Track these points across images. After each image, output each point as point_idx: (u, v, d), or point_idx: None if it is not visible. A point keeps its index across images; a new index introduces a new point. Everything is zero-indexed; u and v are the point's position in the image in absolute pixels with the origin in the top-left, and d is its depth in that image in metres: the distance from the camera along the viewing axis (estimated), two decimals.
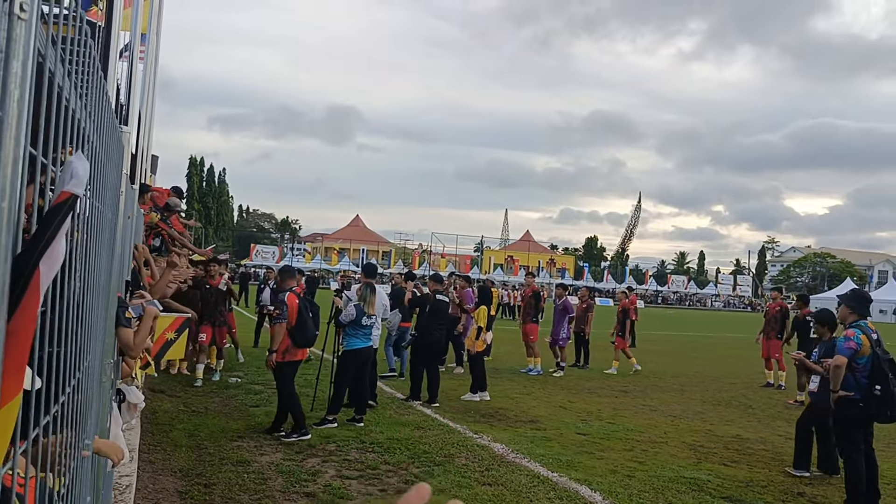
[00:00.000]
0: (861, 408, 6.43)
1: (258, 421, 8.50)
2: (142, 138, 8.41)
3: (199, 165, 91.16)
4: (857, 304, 6.85)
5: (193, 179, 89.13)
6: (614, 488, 6.78)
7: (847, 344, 6.54)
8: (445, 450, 7.88)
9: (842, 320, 7.00)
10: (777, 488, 7.17)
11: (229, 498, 5.84)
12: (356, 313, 9.01)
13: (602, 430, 9.40)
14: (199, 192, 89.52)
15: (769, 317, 15.21)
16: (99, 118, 2.27)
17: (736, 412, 11.60)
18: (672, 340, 28.26)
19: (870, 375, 6.42)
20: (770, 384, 14.91)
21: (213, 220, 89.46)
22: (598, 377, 14.95)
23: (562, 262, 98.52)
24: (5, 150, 0.85)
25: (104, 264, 2.87)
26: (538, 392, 12.23)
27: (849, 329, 6.66)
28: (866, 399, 6.39)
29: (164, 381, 10.81)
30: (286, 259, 72.21)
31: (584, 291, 18.20)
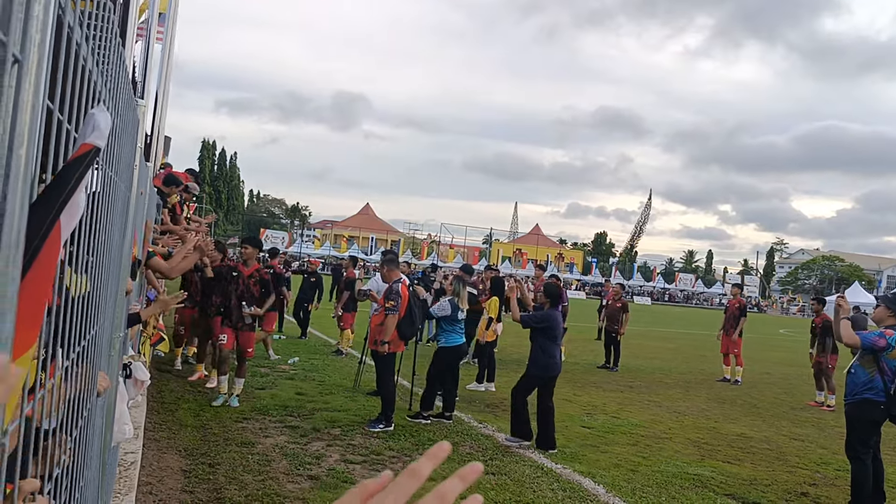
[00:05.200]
0: (882, 410, 6.33)
1: (263, 403, 8.52)
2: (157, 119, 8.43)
3: (211, 149, 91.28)
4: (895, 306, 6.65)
5: (205, 163, 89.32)
6: (617, 482, 6.76)
7: (876, 339, 6.30)
8: (450, 438, 7.87)
9: (878, 321, 6.69)
10: (781, 487, 7.14)
11: (233, 478, 5.84)
12: (451, 308, 8.93)
13: (606, 424, 9.38)
14: (211, 176, 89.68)
15: (728, 313, 15.17)
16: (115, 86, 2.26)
17: (741, 410, 11.56)
18: (679, 338, 28.19)
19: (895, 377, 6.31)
20: (727, 379, 14.92)
21: (224, 203, 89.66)
22: (603, 373, 14.92)
23: (570, 256, 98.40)
24: (24, 95, 0.83)
25: (116, 236, 2.85)
26: None
27: (888, 329, 6.44)
28: (889, 401, 6.29)
29: (171, 361, 10.83)
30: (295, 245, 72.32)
31: (618, 289, 17.04)
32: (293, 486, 5.80)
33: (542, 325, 7.96)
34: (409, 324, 8.31)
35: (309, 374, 11.05)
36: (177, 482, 5.65)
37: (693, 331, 34.02)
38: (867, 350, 6.34)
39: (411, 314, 8.30)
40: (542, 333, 7.96)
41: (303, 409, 8.56)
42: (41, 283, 0.90)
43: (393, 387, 8.24)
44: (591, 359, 16.66)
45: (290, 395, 9.23)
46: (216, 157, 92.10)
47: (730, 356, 15.06)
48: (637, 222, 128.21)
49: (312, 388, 9.95)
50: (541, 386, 7.99)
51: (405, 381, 10.23)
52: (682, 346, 24.32)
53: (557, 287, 8.44)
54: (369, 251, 73.81)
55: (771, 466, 7.99)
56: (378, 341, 8.18)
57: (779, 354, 24.01)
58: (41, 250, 0.91)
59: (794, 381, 16.12)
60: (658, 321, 41.09)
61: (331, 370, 11.58)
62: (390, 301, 8.15)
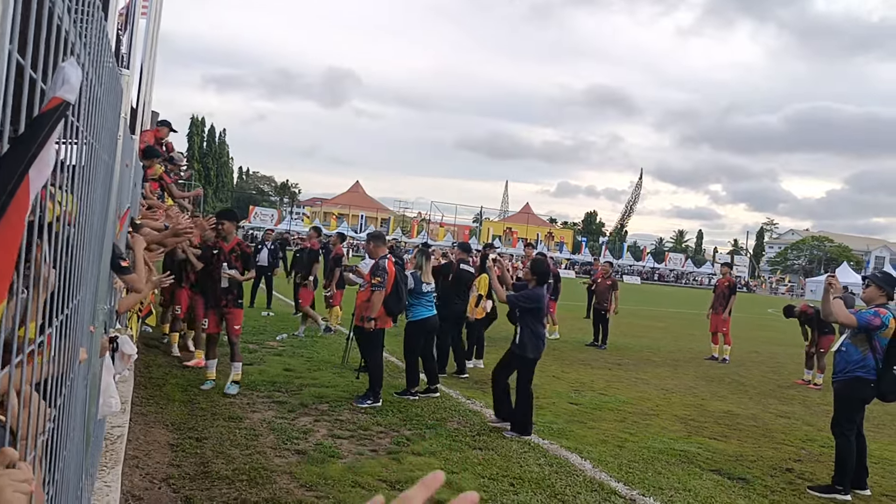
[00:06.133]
0: (872, 388, 6.37)
1: (251, 379, 8.50)
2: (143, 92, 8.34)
3: (200, 125, 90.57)
4: (887, 285, 6.62)
5: (194, 139, 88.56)
6: (604, 457, 6.81)
7: (870, 318, 6.32)
8: (438, 413, 7.90)
9: (868, 300, 6.66)
10: (766, 463, 7.21)
11: (220, 452, 5.85)
12: (414, 281, 8.88)
13: (594, 401, 9.43)
14: (200, 153, 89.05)
15: (718, 291, 15.23)
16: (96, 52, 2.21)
17: (728, 388, 11.64)
18: (667, 317, 28.33)
19: (887, 356, 6.34)
20: (715, 357, 15.06)
21: (213, 180, 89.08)
22: (592, 350, 14.99)
23: (560, 235, 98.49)
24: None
25: (98, 206, 2.82)
26: None
27: (881, 307, 6.44)
28: (880, 381, 6.33)
29: (159, 337, 10.80)
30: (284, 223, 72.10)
31: (607, 267, 17.08)
32: (280, 460, 5.81)
33: (531, 306, 7.56)
34: (396, 300, 8.30)
35: (297, 350, 11.05)
36: (164, 456, 5.65)
37: (682, 310, 34.20)
38: (862, 329, 6.36)
39: (398, 290, 8.28)
40: (531, 314, 7.56)
41: (291, 384, 8.56)
42: (10, 238, 0.87)
43: (381, 363, 8.24)
44: (580, 336, 16.73)
45: (278, 371, 9.23)
46: (205, 134, 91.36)
47: (718, 335, 15.16)
48: (627, 202, 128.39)
49: (300, 364, 9.95)
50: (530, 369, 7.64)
51: (393, 358, 10.26)
52: (671, 324, 24.45)
53: (545, 263, 8.06)
54: (359, 229, 73.65)
55: (757, 443, 8.05)
56: (364, 318, 8.16)
57: (767, 334, 24.18)
58: (9, 205, 0.88)
59: (781, 360, 16.25)
60: (647, 300, 41.26)
61: (319, 347, 11.57)
62: (377, 277, 8.12)
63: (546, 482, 5.88)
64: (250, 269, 8.52)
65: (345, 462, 5.92)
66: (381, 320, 8.23)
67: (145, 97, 8.20)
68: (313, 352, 11.04)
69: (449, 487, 5.52)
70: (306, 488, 5.24)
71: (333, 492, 5.20)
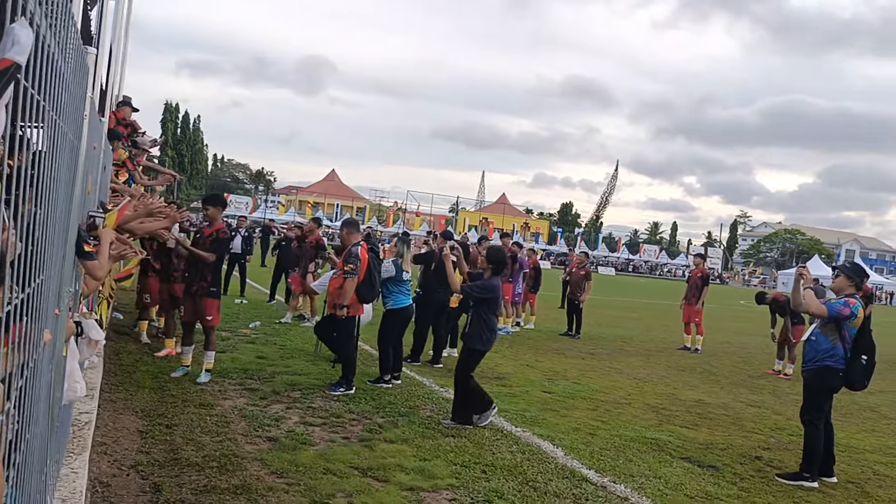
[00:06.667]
0: (841, 377, 6.45)
1: (224, 367, 8.43)
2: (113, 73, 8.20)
3: (174, 111, 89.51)
4: (856, 276, 6.71)
5: (168, 125, 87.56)
6: (576, 445, 6.83)
7: (841, 308, 6.39)
8: (411, 401, 7.88)
9: (838, 290, 6.74)
10: (736, 451, 7.28)
11: (190, 439, 5.78)
12: (395, 269, 8.84)
13: (567, 390, 9.47)
14: (174, 139, 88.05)
15: (691, 282, 15.34)
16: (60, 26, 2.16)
17: (699, 378, 11.75)
18: (641, 308, 28.55)
19: (856, 346, 6.42)
20: (687, 347, 15.21)
21: (187, 168, 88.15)
22: (566, 340, 15.05)
23: (536, 226, 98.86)
24: None
25: (63, 184, 2.75)
26: (506, 350, 12.27)
27: (850, 298, 6.52)
28: (848, 370, 6.41)
29: (130, 324, 10.67)
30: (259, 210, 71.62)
31: (582, 257, 17.18)
32: (251, 447, 5.76)
33: (485, 296, 7.21)
34: (369, 287, 8.25)
35: (270, 338, 10.98)
36: (133, 443, 5.58)
37: (656, 301, 34.48)
38: (832, 319, 6.44)
39: (371, 278, 8.23)
40: (485, 305, 7.22)
41: (263, 372, 8.50)
42: None
43: (354, 351, 8.20)
44: (554, 326, 16.79)
45: (250, 359, 9.16)
46: (179, 121, 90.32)
47: (691, 325, 15.30)
48: (603, 193, 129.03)
49: (273, 351, 9.88)
50: (476, 360, 7.33)
51: (367, 347, 10.22)
52: (645, 315, 24.64)
53: (501, 252, 7.68)
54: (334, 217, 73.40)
55: (727, 431, 8.13)
56: (337, 305, 8.12)
57: (739, 325, 24.45)
58: None
59: (752, 351, 16.43)
60: (622, 291, 41.54)
61: (292, 335, 11.51)
62: (349, 264, 8.07)
63: (518, 469, 5.89)
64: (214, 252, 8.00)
65: (316, 449, 5.89)
66: (354, 308, 8.19)
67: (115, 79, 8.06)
68: (286, 340, 10.97)
69: (421, 475, 5.51)
70: (277, 475, 5.20)
71: (305, 479, 5.16)
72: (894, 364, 16.69)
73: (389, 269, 8.82)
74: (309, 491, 4.94)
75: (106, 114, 7.05)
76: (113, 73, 7.85)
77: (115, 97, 8.30)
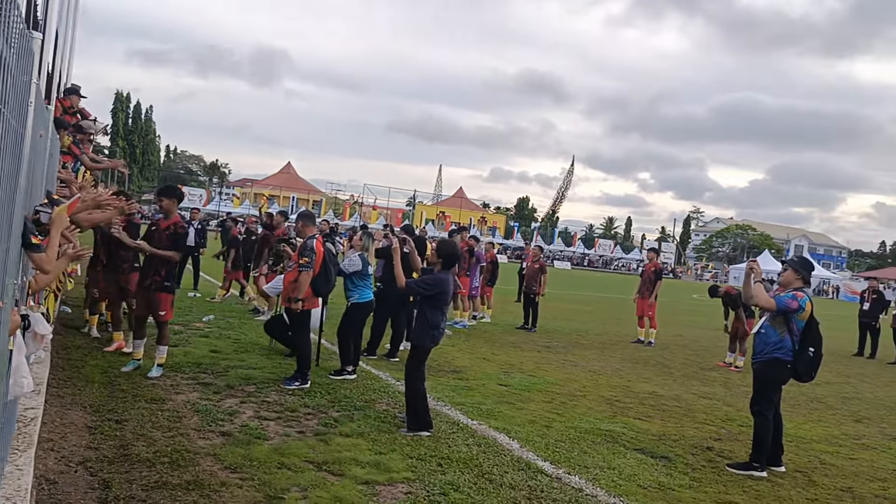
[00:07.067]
0: (789, 369, 6.59)
1: (176, 361, 8.29)
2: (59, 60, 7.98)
3: (125, 101, 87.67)
4: (803, 270, 6.84)
5: (119, 116, 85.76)
6: (531, 437, 6.87)
7: (789, 301, 6.53)
8: (366, 395, 7.85)
9: (786, 284, 6.87)
10: (688, 442, 7.40)
11: (141, 434, 5.67)
12: (361, 263, 8.73)
13: (523, 382, 9.52)
14: (125, 130, 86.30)
15: (645, 276, 15.55)
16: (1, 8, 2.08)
17: (653, 370, 11.91)
18: (596, 302, 28.85)
19: (803, 338, 6.57)
20: (641, 340, 15.44)
21: (139, 159, 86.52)
22: (522, 333, 15.13)
23: (493, 220, 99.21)
24: None
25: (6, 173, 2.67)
26: (462, 344, 12.30)
27: (798, 291, 6.67)
28: (796, 361, 6.55)
29: (79, 318, 10.42)
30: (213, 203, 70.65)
31: (537, 251, 17.30)
32: (204, 441, 5.68)
33: (431, 293, 6.80)
34: (325, 281, 8.19)
35: (224, 332, 10.83)
36: (81, 438, 5.45)
37: (610, 294, 34.88)
38: (780, 312, 6.57)
39: (326, 271, 8.17)
40: (430, 301, 6.81)
41: (217, 366, 8.38)
42: None
43: (309, 344, 8.13)
44: (511, 320, 16.87)
45: (203, 353, 9.03)
46: (130, 111, 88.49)
47: (644, 319, 15.49)
48: (559, 188, 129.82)
49: (227, 345, 9.76)
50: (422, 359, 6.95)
51: (325, 341, 10.13)
52: (599, 309, 24.91)
53: (452, 245, 7.25)
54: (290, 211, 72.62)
55: (679, 422, 8.26)
56: (292, 298, 8.04)
57: (691, 318, 24.86)
58: None
59: (704, 344, 16.72)
60: (577, 285, 41.95)
61: (247, 328, 11.38)
62: (304, 258, 7.99)
63: (474, 462, 5.90)
64: (176, 250, 7.91)
65: (271, 444, 5.82)
66: (309, 301, 8.12)
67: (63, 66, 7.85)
68: (241, 333, 10.84)
69: (377, 468, 5.49)
70: (231, 470, 5.13)
71: (259, 473, 5.10)
72: (841, 356, 17.16)
73: (356, 262, 8.78)
74: (263, 486, 4.88)
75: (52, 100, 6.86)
76: (60, 59, 7.65)
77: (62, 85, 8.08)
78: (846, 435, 8.58)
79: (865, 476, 6.89)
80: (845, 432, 8.73)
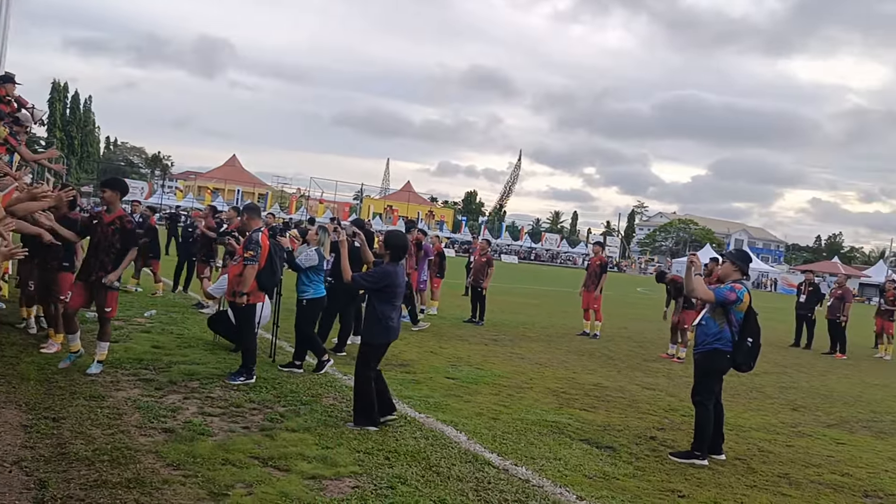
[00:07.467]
0: (729, 359, 6.74)
1: (116, 357, 8.08)
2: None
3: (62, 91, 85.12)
4: (741, 262, 7.00)
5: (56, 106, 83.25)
6: (479, 429, 6.90)
7: (727, 293, 6.67)
8: (313, 390, 7.77)
9: (724, 277, 7.07)
10: (632, 432, 7.51)
11: (79, 432, 5.52)
12: (318, 258, 8.61)
13: (470, 375, 9.55)
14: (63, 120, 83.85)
15: (590, 270, 15.78)
16: None
17: (598, 362, 12.07)
18: (543, 295, 29.11)
19: (742, 329, 6.72)
20: (586, 333, 15.67)
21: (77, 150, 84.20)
22: (469, 326, 15.18)
23: (441, 214, 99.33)
24: None
25: None
26: (410, 337, 12.27)
27: (736, 283, 6.82)
28: (735, 352, 6.70)
29: (13, 314, 10.08)
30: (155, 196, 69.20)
31: (485, 244, 17.17)
32: (146, 439, 5.55)
33: (378, 286, 6.62)
34: (270, 274, 8.08)
35: (167, 327, 10.61)
36: (15, 437, 5.27)
37: (557, 288, 35.25)
38: (719, 303, 6.72)
39: (272, 264, 8.06)
40: (379, 295, 6.62)
41: (159, 362, 8.21)
42: None
43: (254, 339, 8.01)
44: (458, 313, 16.91)
45: (145, 349, 8.83)
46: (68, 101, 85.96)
47: (590, 311, 15.69)
48: (506, 182, 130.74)
49: (170, 341, 9.56)
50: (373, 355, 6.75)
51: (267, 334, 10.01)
52: (546, 302, 25.14)
53: (400, 236, 6.99)
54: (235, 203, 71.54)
55: (624, 413, 8.38)
56: (237, 293, 7.91)
57: (635, 311, 25.28)
58: None
59: (648, 336, 17.02)
60: (524, 279, 42.26)
61: (190, 323, 11.17)
62: (249, 251, 7.86)
63: (421, 455, 5.90)
64: (131, 247, 7.59)
65: (215, 440, 5.73)
66: (254, 295, 8.00)
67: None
68: (184, 328, 10.63)
69: (324, 463, 5.45)
70: (173, 467, 5.02)
71: (203, 470, 5.01)
72: (778, 347, 17.64)
73: (313, 257, 8.69)
74: (207, 482, 4.80)
75: None
76: None
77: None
78: (783, 423, 8.83)
79: (801, 462, 7.10)
80: (783, 420, 8.98)
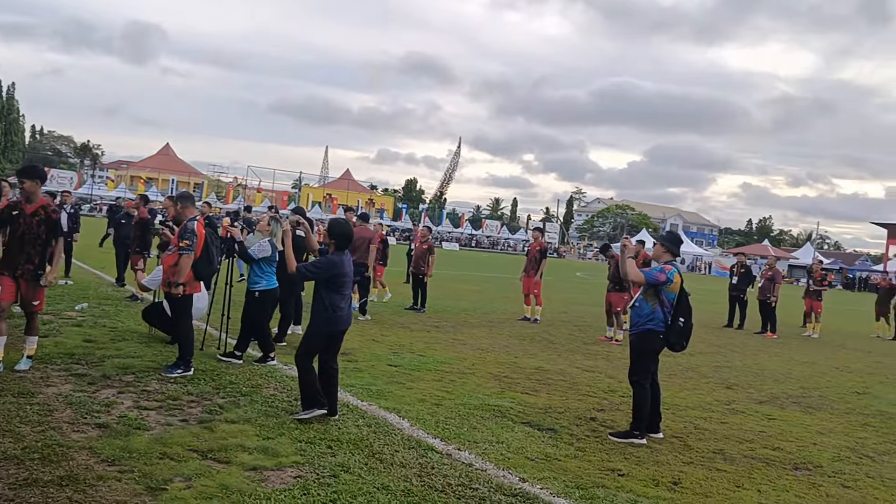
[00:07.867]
0: (662, 339, 6.88)
1: (45, 352, 7.82)
2: None
3: None
4: (671, 245, 7.20)
5: None
6: (422, 415, 6.90)
7: (657, 274, 6.84)
8: (253, 380, 7.66)
9: (655, 259, 7.28)
10: (572, 414, 7.62)
11: (7, 430, 5.32)
12: (271, 249, 8.46)
13: (413, 362, 9.54)
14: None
15: (530, 255, 15.94)
16: None
17: (539, 346, 12.20)
18: (484, 281, 29.27)
19: (674, 310, 6.87)
20: (527, 318, 15.88)
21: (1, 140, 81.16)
22: (411, 314, 15.17)
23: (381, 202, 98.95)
24: None
25: None
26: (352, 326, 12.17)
27: (666, 265, 6.99)
28: (668, 332, 6.84)
29: None
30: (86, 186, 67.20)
31: (426, 232, 17.13)
32: (78, 435, 5.38)
33: (325, 276, 6.45)
34: (207, 264, 7.92)
35: (99, 320, 10.31)
36: None
37: (497, 274, 35.47)
38: (650, 285, 6.86)
39: (209, 254, 7.90)
40: (327, 284, 6.46)
41: (91, 356, 7.97)
42: None
43: (191, 330, 7.85)
44: (400, 301, 16.87)
45: (76, 343, 8.56)
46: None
47: (530, 296, 15.84)
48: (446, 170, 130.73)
49: (103, 334, 9.29)
50: (325, 345, 6.64)
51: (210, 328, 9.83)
52: (487, 288, 25.27)
53: (344, 225, 6.78)
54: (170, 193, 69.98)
55: (564, 395, 8.49)
56: (172, 283, 7.73)
57: (574, 295, 25.63)
58: None
59: (587, 320, 17.26)
60: (465, 265, 42.42)
61: (124, 316, 10.88)
62: (185, 240, 7.69)
63: (364, 442, 5.87)
64: (57, 238, 7.27)
65: (152, 434, 5.59)
66: (190, 285, 7.82)
67: None
68: (117, 321, 10.35)
69: (265, 453, 5.37)
70: (108, 463, 4.88)
71: (139, 465, 4.89)
72: (712, 327, 18.11)
73: (266, 248, 8.53)
74: (144, 477, 4.68)
75: None
76: None
77: None
78: (718, 401, 9.07)
79: (735, 438, 7.30)
80: (717, 398, 9.22)
